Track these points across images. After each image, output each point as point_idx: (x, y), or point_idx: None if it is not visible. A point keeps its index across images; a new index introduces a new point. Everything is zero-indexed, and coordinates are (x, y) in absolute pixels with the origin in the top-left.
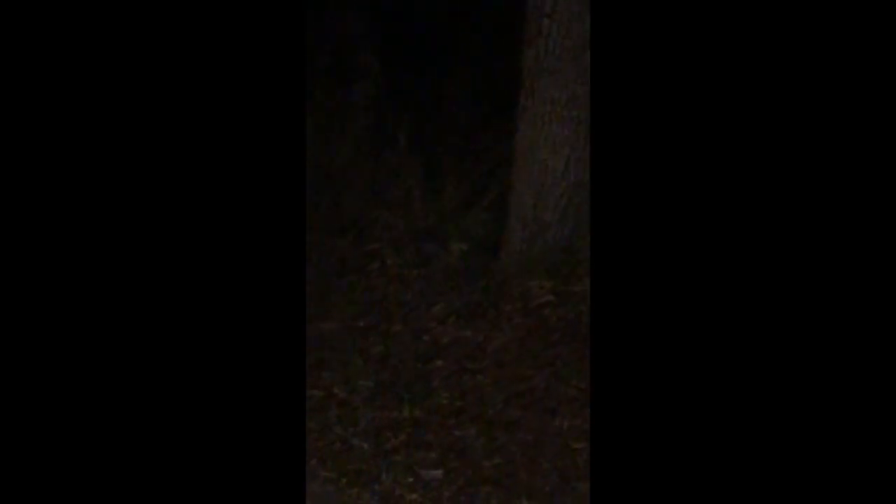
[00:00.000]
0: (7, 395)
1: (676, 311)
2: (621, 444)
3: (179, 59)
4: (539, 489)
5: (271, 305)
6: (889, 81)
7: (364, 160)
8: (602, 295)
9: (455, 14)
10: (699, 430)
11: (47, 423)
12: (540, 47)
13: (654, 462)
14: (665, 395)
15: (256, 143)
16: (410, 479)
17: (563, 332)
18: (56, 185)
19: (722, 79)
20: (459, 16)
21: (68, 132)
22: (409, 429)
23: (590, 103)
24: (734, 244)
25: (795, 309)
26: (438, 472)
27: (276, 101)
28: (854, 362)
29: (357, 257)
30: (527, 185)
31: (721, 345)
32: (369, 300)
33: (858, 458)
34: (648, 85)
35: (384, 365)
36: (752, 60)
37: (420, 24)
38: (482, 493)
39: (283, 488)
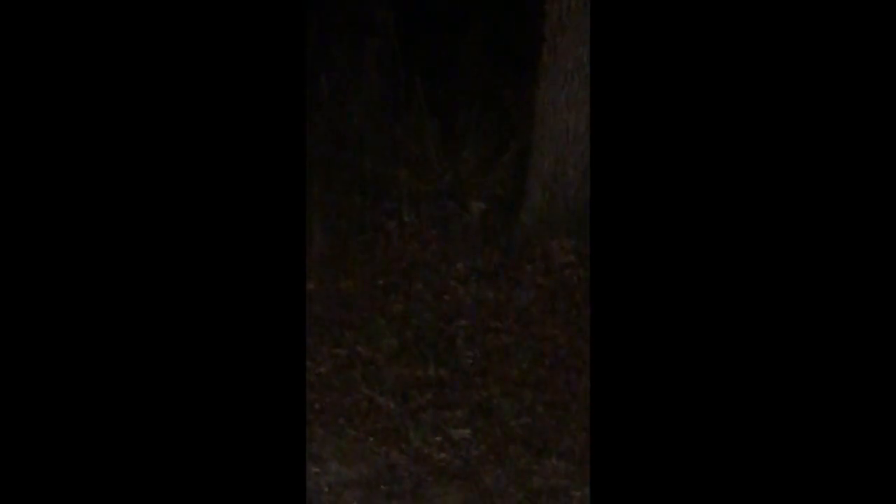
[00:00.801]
0: (7, 395)
1: (678, 302)
2: (622, 442)
3: (178, 21)
4: (568, 448)
5: (270, 285)
6: (889, 81)
7: (379, 119)
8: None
9: None
10: (697, 425)
11: (46, 418)
12: (563, 1)
13: (655, 454)
14: (665, 389)
15: (256, 114)
16: (439, 438)
17: (585, 292)
18: (54, 184)
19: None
20: None
21: (67, 131)
22: (435, 388)
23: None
24: (740, 216)
25: (800, 301)
26: (466, 432)
27: (276, 66)
28: (854, 362)
29: (375, 216)
30: (548, 144)
31: (719, 333)
32: (388, 259)
33: (858, 457)
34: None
35: (406, 324)
36: (769, 36)
37: None
38: (511, 452)
39: (283, 470)
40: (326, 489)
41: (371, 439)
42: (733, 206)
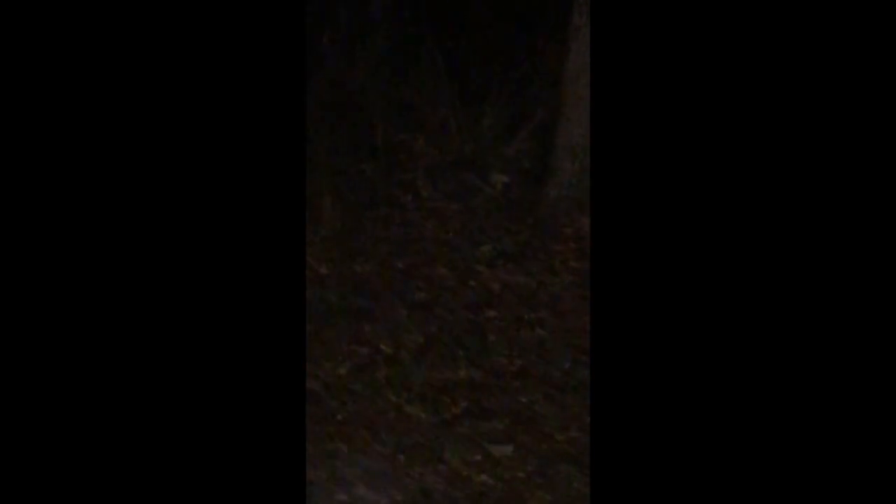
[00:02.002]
0: (7, 395)
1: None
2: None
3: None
4: None
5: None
6: (889, 81)
7: (387, 79)
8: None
9: None
10: (697, 424)
11: (42, 418)
12: None
13: (656, 454)
14: (666, 388)
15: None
16: (478, 457)
17: None
18: (53, 184)
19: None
20: None
21: (67, 131)
22: (469, 393)
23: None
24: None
25: (801, 300)
26: (508, 448)
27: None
28: (854, 362)
29: (388, 187)
30: (578, 112)
31: (721, 332)
32: (406, 238)
33: (858, 457)
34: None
35: (431, 315)
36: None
37: None
38: (561, 472)
39: (282, 462)
40: None
41: (401, 457)
42: (738, 186)
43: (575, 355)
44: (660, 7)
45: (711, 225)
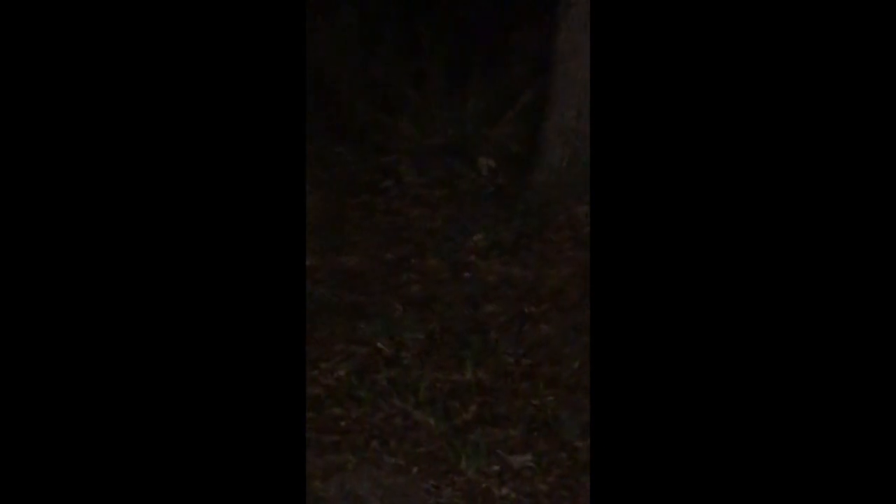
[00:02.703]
0: (7, 395)
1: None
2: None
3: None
4: None
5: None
6: (889, 81)
7: (355, 54)
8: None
9: None
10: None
11: (40, 417)
12: None
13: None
14: (667, 387)
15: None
16: (496, 468)
17: None
18: (53, 184)
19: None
20: None
21: (67, 131)
22: (478, 397)
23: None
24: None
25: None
26: (528, 458)
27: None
28: (854, 362)
29: (368, 171)
30: (570, 94)
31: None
32: (392, 226)
33: (858, 457)
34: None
35: (429, 311)
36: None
37: None
38: (586, 485)
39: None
40: None
41: (415, 469)
42: (736, 180)
43: (582, 352)
44: None
45: (712, 217)
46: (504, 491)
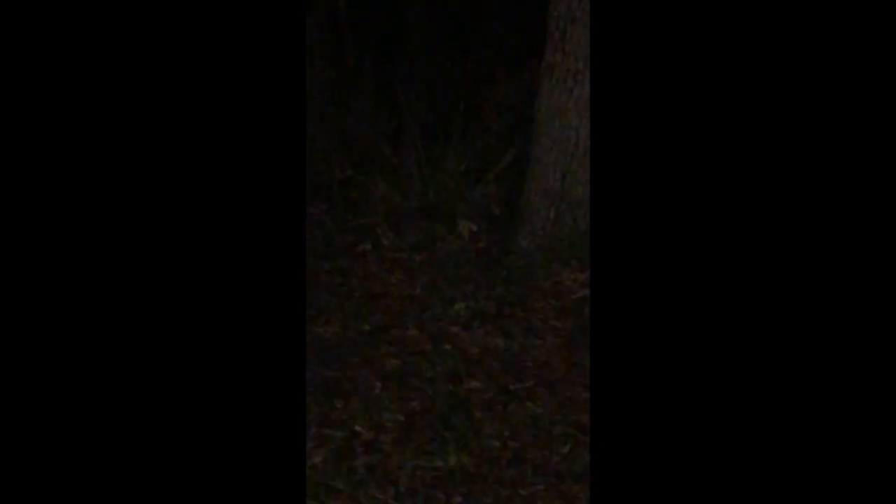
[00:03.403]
0: (7, 395)
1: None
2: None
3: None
4: None
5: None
6: (889, 81)
7: (327, 109)
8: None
9: None
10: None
11: (38, 417)
12: None
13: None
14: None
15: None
16: None
17: None
18: (53, 184)
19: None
20: None
21: (67, 131)
22: (462, 486)
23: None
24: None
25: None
26: None
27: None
28: (854, 362)
29: (345, 233)
30: (553, 153)
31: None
32: (369, 293)
33: (858, 457)
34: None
35: (407, 387)
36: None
37: None
38: None
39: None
40: None
41: None
42: (746, 218)
43: (569, 433)
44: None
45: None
46: None
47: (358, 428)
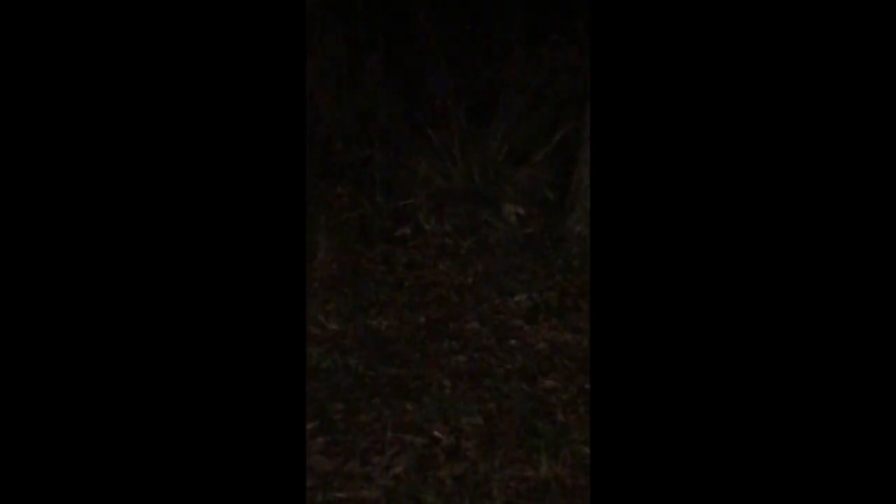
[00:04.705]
0: (7, 395)
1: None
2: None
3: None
4: None
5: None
6: (889, 81)
7: (346, 89)
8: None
9: None
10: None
11: (37, 416)
12: None
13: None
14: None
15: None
16: None
17: None
18: (53, 184)
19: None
20: None
21: (67, 131)
22: (563, 498)
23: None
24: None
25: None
26: None
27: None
28: (854, 362)
29: (382, 218)
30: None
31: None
32: (418, 282)
33: (858, 457)
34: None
35: (480, 386)
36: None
37: None
38: None
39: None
40: None
41: None
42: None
43: None
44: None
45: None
46: None
47: (437, 433)
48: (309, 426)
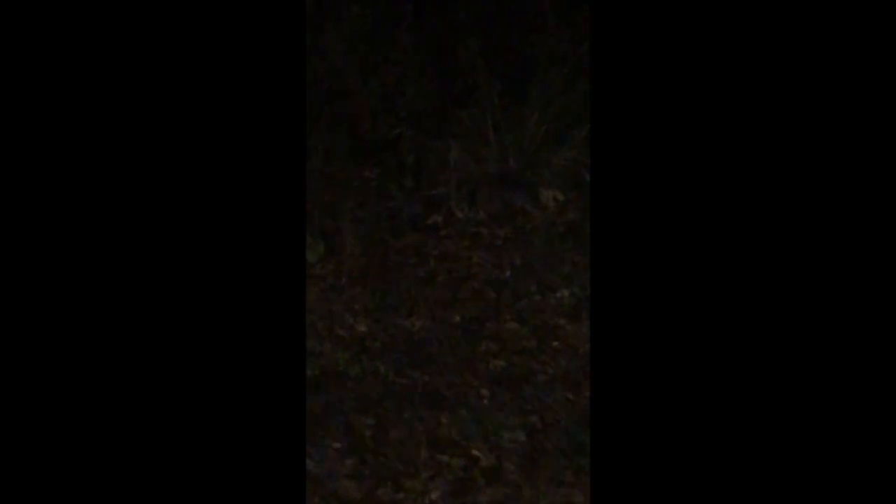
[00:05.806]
0: (7, 395)
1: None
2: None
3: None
4: None
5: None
6: (889, 81)
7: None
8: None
9: None
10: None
11: (36, 415)
12: None
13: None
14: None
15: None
16: None
17: None
18: (53, 184)
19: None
20: None
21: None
22: None
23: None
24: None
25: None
26: None
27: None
28: (854, 362)
29: (411, 205)
30: None
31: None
32: (451, 276)
33: (858, 458)
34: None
35: (520, 396)
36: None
37: None
38: None
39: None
40: None
41: None
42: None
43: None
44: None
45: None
46: None
47: (475, 452)
48: (336, 446)
